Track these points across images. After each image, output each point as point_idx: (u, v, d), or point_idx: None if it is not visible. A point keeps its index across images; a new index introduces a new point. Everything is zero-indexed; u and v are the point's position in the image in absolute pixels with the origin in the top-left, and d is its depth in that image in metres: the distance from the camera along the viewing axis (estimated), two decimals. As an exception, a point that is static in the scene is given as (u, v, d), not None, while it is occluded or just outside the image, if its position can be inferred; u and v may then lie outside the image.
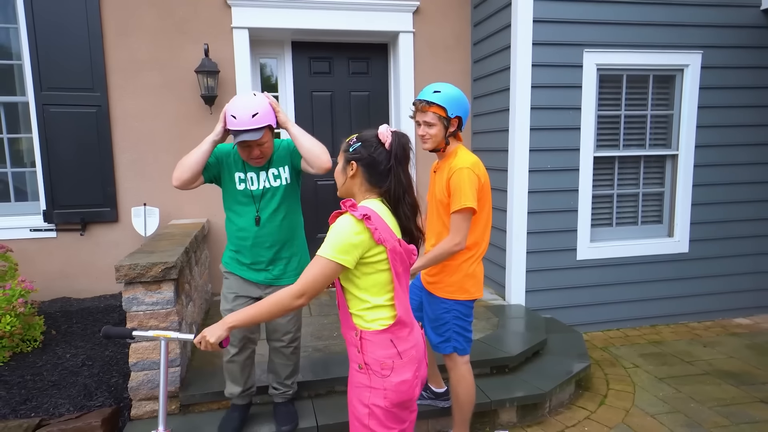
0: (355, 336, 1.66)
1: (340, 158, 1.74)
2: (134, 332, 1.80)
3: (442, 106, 2.29)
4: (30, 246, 4.24)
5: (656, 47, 4.23)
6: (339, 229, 1.59)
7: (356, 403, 1.67)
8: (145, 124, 4.37)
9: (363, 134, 1.72)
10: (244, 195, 2.42)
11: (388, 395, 1.63)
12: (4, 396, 2.74)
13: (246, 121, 2.19)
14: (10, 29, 4.18)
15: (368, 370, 1.64)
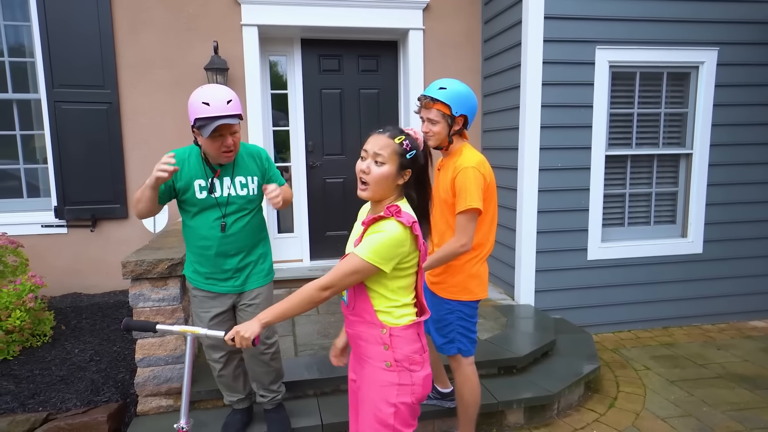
0: (383, 333, 1.63)
1: (390, 160, 1.61)
2: (158, 326, 1.77)
3: (446, 103, 2.24)
4: (41, 242, 4.28)
5: (671, 44, 4.15)
6: (386, 234, 1.55)
7: (381, 404, 1.63)
8: (154, 121, 4.39)
9: (411, 138, 1.65)
10: (207, 202, 2.24)
11: (415, 391, 1.64)
12: (13, 390, 2.76)
13: (221, 107, 2.05)
14: (23, 27, 4.22)
15: (398, 366, 1.63)
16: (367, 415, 1.67)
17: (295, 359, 3.17)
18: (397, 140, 1.63)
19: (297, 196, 4.97)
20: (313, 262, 5.04)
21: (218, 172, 2.23)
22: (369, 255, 1.54)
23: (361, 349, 1.70)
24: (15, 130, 4.33)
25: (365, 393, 1.69)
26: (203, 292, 2.36)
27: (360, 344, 1.70)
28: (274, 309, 1.62)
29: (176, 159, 2.12)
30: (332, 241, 5.11)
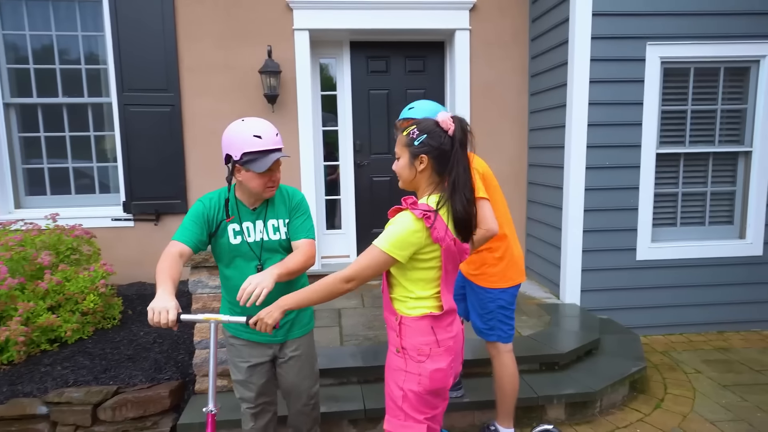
0: (395, 321, 1.72)
1: (402, 152, 1.73)
2: (182, 316, 1.77)
3: (416, 118, 2.37)
4: (111, 234, 4.64)
5: (728, 38, 4.01)
6: (398, 224, 1.63)
7: (392, 385, 1.74)
8: (212, 122, 4.66)
9: (422, 125, 1.71)
10: (241, 248, 2.10)
11: (422, 381, 1.68)
12: (88, 365, 3.04)
13: (273, 140, 1.98)
14: (97, 37, 4.60)
15: (405, 354, 1.70)
16: (386, 394, 1.79)
17: (341, 348, 3.31)
18: (405, 132, 1.72)
19: (345, 194, 5.13)
20: (359, 258, 5.18)
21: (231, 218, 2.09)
22: (384, 244, 1.62)
23: (388, 333, 1.81)
24: (90, 131, 4.72)
25: (385, 374, 1.81)
26: (242, 341, 2.20)
27: (387, 329, 1.82)
28: (296, 295, 1.73)
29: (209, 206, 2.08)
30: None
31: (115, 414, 2.75)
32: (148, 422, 2.80)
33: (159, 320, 1.73)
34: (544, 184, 4.60)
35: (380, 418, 2.86)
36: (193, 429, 2.72)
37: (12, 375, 2.96)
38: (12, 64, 4.57)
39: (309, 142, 4.74)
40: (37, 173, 4.75)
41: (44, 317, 3.17)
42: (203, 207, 2.07)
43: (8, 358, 3.07)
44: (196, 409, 2.82)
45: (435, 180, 1.72)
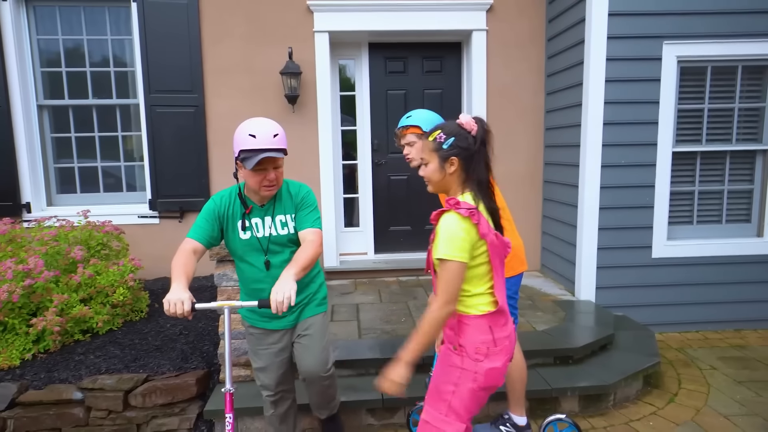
0: (452, 319, 1.76)
1: (430, 157, 1.77)
2: (196, 305, 1.91)
3: (415, 125, 2.57)
4: (137, 231, 4.81)
5: (746, 36, 4.01)
6: (450, 228, 1.67)
7: (443, 380, 1.77)
8: (234, 122, 4.78)
9: (447, 128, 1.77)
10: (250, 243, 2.22)
11: (477, 379, 1.72)
12: (119, 354, 3.20)
13: (268, 140, 2.05)
14: (125, 41, 4.78)
15: (463, 352, 1.73)
16: (433, 385, 1.82)
17: (359, 341, 3.41)
18: (431, 137, 1.77)
19: (363, 192, 5.24)
20: (377, 256, 5.28)
21: (249, 208, 2.21)
22: (450, 253, 1.65)
23: (443, 332, 1.86)
24: (117, 132, 4.90)
25: (437, 366, 1.84)
26: (260, 330, 2.34)
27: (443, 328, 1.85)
28: (413, 347, 1.71)
29: (219, 204, 2.21)
30: (396, 235, 5.34)
31: (145, 400, 2.89)
32: (176, 408, 2.93)
33: (174, 311, 1.87)
34: (559, 182, 4.65)
35: (398, 408, 2.97)
36: (219, 415, 2.85)
37: (48, 363, 3.13)
38: (45, 68, 4.77)
39: (328, 142, 4.86)
40: (68, 172, 4.95)
41: (77, 309, 3.33)
42: (215, 205, 2.21)
43: (44, 347, 3.24)
44: (221, 397, 2.95)
45: (463, 179, 1.78)
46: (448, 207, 1.70)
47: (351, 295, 4.47)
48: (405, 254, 5.30)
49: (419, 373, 3.16)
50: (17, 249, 3.54)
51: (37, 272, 3.26)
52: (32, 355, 3.19)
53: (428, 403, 1.81)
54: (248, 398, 2.91)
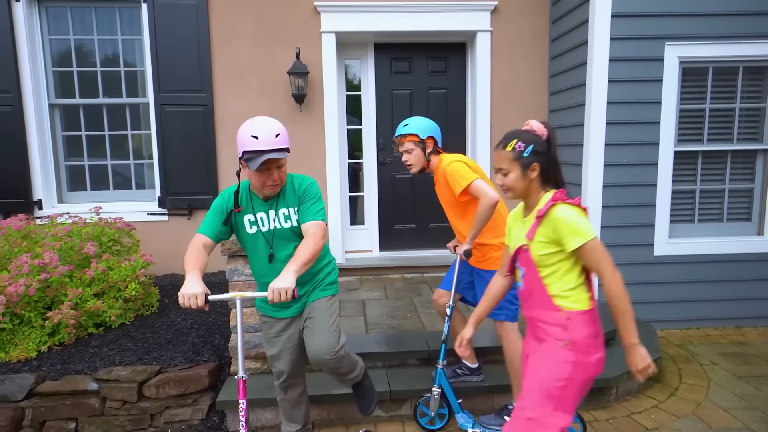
0: (560, 316, 1.80)
1: (511, 166, 1.84)
2: (209, 297, 1.99)
3: (413, 133, 2.75)
4: (147, 227, 4.88)
5: (747, 37, 4.07)
6: (571, 216, 1.74)
7: (552, 377, 1.79)
8: (242, 121, 4.81)
9: (523, 137, 1.84)
10: (256, 237, 2.30)
11: (588, 370, 1.79)
12: (132, 347, 3.27)
13: (270, 141, 2.08)
14: (135, 41, 4.86)
15: (575, 347, 1.78)
16: (533, 383, 1.82)
17: (366, 335, 3.48)
18: (509, 148, 1.85)
19: (368, 191, 5.31)
20: (382, 253, 5.36)
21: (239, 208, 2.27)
22: (586, 234, 1.72)
23: (540, 329, 1.87)
24: (127, 131, 4.98)
25: (539, 365, 1.84)
26: (271, 319, 2.43)
27: (538, 325, 1.88)
28: (632, 325, 1.76)
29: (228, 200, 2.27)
30: (400, 233, 5.41)
31: (158, 391, 2.97)
32: (189, 399, 3.01)
33: (189, 304, 1.96)
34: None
35: (405, 400, 3.04)
36: (231, 406, 2.93)
37: (64, 355, 3.21)
38: (57, 67, 4.85)
39: (335, 141, 4.93)
40: (79, 170, 5.03)
41: (91, 303, 3.41)
42: (222, 200, 2.29)
43: (60, 340, 3.32)
44: (232, 388, 3.03)
45: (542, 182, 1.88)
46: (556, 200, 1.78)
47: (357, 291, 4.55)
48: (410, 252, 5.37)
49: (425, 366, 3.25)
50: (32, 244, 3.62)
51: (52, 266, 3.34)
52: (48, 348, 3.27)
53: (531, 401, 1.81)
54: (259, 390, 2.99)
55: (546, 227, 1.80)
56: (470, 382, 3.06)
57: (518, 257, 1.92)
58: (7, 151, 4.70)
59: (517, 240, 1.94)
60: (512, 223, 2.03)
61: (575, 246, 1.74)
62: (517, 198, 1.92)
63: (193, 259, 2.12)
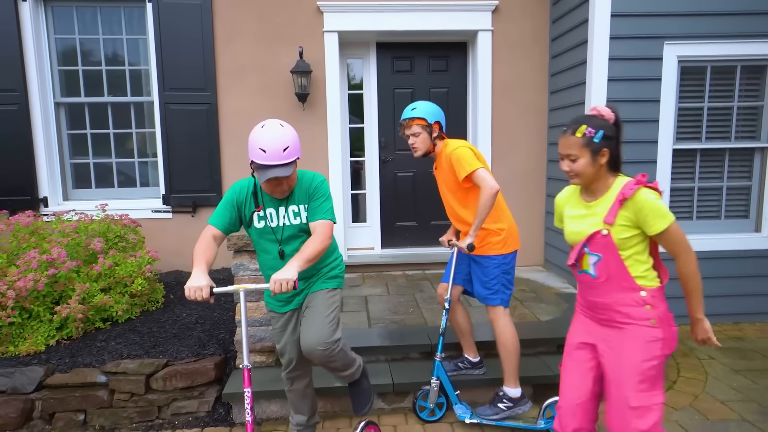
0: (643, 295, 1.85)
1: (581, 152, 1.84)
2: (214, 290, 2.04)
3: (421, 117, 2.79)
4: (151, 225, 4.94)
5: (745, 37, 4.12)
6: (654, 200, 1.79)
7: (645, 358, 1.83)
8: (246, 119, 4.93)
9: (592, 122, 1.85)
10: (265, 232, 2.34)
11: (672, 343, 1.88)
12: (139, 341, 3.33)
13: (277, 155, 2.07)
14: (140, 40, 4.91)
15: (661, 323, 1.85)
16: (626, 372, 1.85)
17: (369, 330, 3.53)
18: (578, 134, 1.84)
19: (370, 188, 5.36)
20: (383, 250, 5.41)
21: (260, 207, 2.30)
22: (669, 218, 1.79)
23: (619, 313, 1.88)
24: (131, 129, 5.04)
25: (625, 352, 1.86)
26: (278, 314, 2.49)
27: (617, 309, 1.88)
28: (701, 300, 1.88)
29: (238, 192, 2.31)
30: (402, 230, 5.46)
31: (165, 384, 3.02)
32: (195, 392, 3.07)
33: (195, 296, 2.01)
34: (562, 179, 4.77)
35: (407, 392, 3.10)
36: (236, 398, 2.98)
37: (72, 348, 3.26)
38: (62, 66, 4.91)
39: (337, 139, 4.99)
40: (84, 168, 5.08)
41: (98, 297, 3.46)
42: (233, 193, 2.31)
43: (67, 334, 3.38)
44: (238, 381, 3.08)
45: (611, 167, 1.90)
46: (639, 184, 1.81)
47: (359, 287, 4.60)
48: (411, 249, 5.43)
49: (427, 360, 3.30)
50: (40, 240, 3.67)
51: (60, 262, 3.39)
52: (56, 342, 3.32)
53: (630, 390, 1.83)
54: (265, 383, 3.04)
55: (628, 210, 1.82)
56: (472, 375, 3.12)
57: (590, 243, 1.90)
58: (13, 149, 4.76)
59: (582, 225, 1.93)
60: (568, 209, 2.03)
61: (661, 229, 1.78)
62: (583, 184, 1.92)
63: (201, 252, 2.18)
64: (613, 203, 1.85)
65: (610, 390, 1.91)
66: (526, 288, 4.51)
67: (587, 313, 2.02)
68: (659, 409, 1.83)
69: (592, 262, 1.91)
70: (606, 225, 1.85)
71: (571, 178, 1.92)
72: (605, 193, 1.90)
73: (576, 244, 1.96)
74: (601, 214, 1.88)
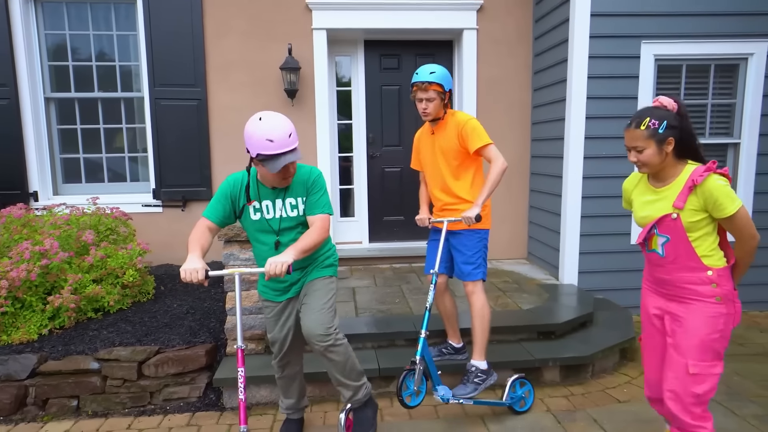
0: (710, 275, 1.98)
1: (647, 144, 1.96)
2: (209, 273, 2.12)
3: (439, 83, 2.78)
4: (142, 219, 4.99)
5: (718, 37, 4.29)
6: (724, 187, 1.90)
7: (708, 332, 1.97)
8: (236, 115, 5.01)
9: (655, 113, 1.96)
10: (261, 224, 2.38)
11: (736, 319, 2.01)
12: (130, 330, 3.40)
13: (285, 143, 2.15)
14: (130, 36, 4.97)
15: (725, 299, 1.98)
16: (690, 342, 1.99)
17: (356, 318, 3.64)
18: (642, 126, 1.97)
19: (358, 184, 5.46)
20: (371, 244, 5.51)
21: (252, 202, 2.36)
22: (737, 203, 1.90)
23: (685, 290, 2.02)
24: (122, 124, 5.09)
25: (691, 324, 2.00)
26: (272, 303, 2.54)
27: (683, 287, 2.03)
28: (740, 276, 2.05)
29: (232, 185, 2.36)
30: (389, 225, 5.57)
31: (157, 370, 3.10)
32: (187, 378, 3.15)
33: (191, 278, 2.10)
34: (545, 173, 4.91)
35: (393, 377, 3.20)
36: (227, 383, 3.07)
37: (65, 337, 3.33)
38: (52, 61, 4.95)
39: (326, 134, 5.08)
40: (74, 162, 5.13)
41: (90, 288, 3.53)
42: (228, 186, 2.37)
43: (60, 324, 3.44)
44: (228, 368, 3.16)
45: (677, 155, 2.00)
46: (710, 170, 1.92)
47: (347, 280, 4.70)
48: (398, 243, 5.54)
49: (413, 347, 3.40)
50: (32, 232, 3.73)
51: (52, 253, 3.45)
52: (48, 331, 3.38)
53: (692, 357, 1.98)
54: (255, 368, 3.13)
55: (698, 196, 1.94)
56: (455, 361, 3.23)
57: (660, 225, 2.03)
58: (3, 144, 4.80)
59: (651, 210, 2.05)
60: (636, 194, 2.16)
61: (729, 213, 1.90)
62: (652, 172, 2.04)
63: (195, 239, 2.27)
64: (683, 188, 1.97)
65: (672, 356, 2.06)
66: (510, 279, 4.64)
67: (654, 289, 2.18)
68: (716, 379, 2.00)
69: (661, 243, 2.05)
70: (675, 209, 1.98)
71: (640, 168, 2.04)
72: (675, 179, 2.01)
73: (645, 226, 2.10)
74: (670, 199, 2.00)
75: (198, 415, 3.05)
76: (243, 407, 2.14)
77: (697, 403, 2.00)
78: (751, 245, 1.99)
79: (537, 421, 2.89)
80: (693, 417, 2.00)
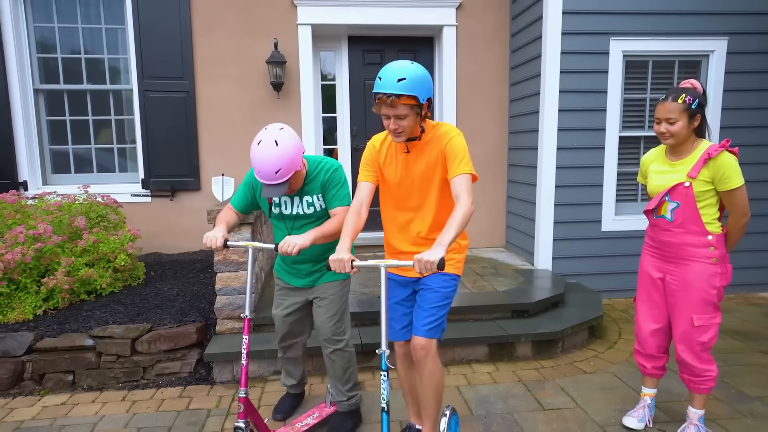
0: (710, 239, 2.31)
1: (680, 116, 2.23)
2: (228, 243, 2.33)
3: (412, 95, 1.96)
4: (131, 208, 5.12)
5: (682, 34, 4.55)
6: (734, 163, 2.21)
7: (707, 288, 2.32)
8: (223, 107, 5.15)
9: (690, 92, 2.25)
10: (279, 218, 2.50)
11: (728, 276, 2.35)
12: (123, 311, 3.54)
13: (269, 177, 2.15)
14: (119, 30, 5.08)
15: (721, 260, 2.33)
16: (692, 298, 2.34)
17: (340, 299, 3.82)
18: (680, 100, 2.24)
19: (342, 174, 5.63)
20: (355, 234, 5.68)
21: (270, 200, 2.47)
22: (740, 178, 2.22)
23: (684, 252, 2.35)
24: (110, 116, 5.20)
25: (691, 283, 2.34)
26: (283, 283, 2.64)
27: (685, 249, 2.35)
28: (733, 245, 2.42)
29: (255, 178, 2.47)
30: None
31: (150, 346, 3.25)
32: (178, 354, 3.30)
33: (210, 244, 2.29)
34: (521, 164, 5.14)
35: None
36: (217, 358, 3.23)
37: (59, 317, 3.46)
38: (42, 54, 5.04)
39: (311, 127, 5.25)
40: (63, 153, 5.23)
41: (83, 271, 3.65)
42: (251, 176, 2.49)
43: (54, 305, 3.57)
44: (218, 345, 3.32)
45: (697, 131, 2.31)
46: (724, 147, 2.21)
47: (332, 266, 4.87)
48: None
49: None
50: (25, 218, 3.84)
51: (46, 236, 3.58)
52: (43, 312, 3.51)
53: (696, 311, 2.33)
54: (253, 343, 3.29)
55: (710, 168, 2.23)
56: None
57: (672, 192, 2.32)
58: (-7, 134, 4.88)
59: (666, 179, 2.35)
60: (653, 166, 2.44)
61: (732, 187, 2.22)
62: (675, 144, 2.30)
63: (222, 217, 2.48)
64: (698, 161, 2.25)
65: (677, 312, 2.39)
66: (487, 265, 4.86)
67: (655, 253, 2.50)
68: (716, 327, 2.37)
69: (671, 209, 2.35)
70: (689, 178, 2.27)
71: (666, 138, 2.30)
72: (690, 153, 2.29)
73: (658, 194, 2.38)
74: (684, 171, 2.29)
75: (189, 388, 3.20)
76: (245, 371, 2.28)
77: (704, 350, 2.37)
78: (742, 222, 2.30)
79: (509, 390, 3.10)
80: (701, 361, 2.38)
